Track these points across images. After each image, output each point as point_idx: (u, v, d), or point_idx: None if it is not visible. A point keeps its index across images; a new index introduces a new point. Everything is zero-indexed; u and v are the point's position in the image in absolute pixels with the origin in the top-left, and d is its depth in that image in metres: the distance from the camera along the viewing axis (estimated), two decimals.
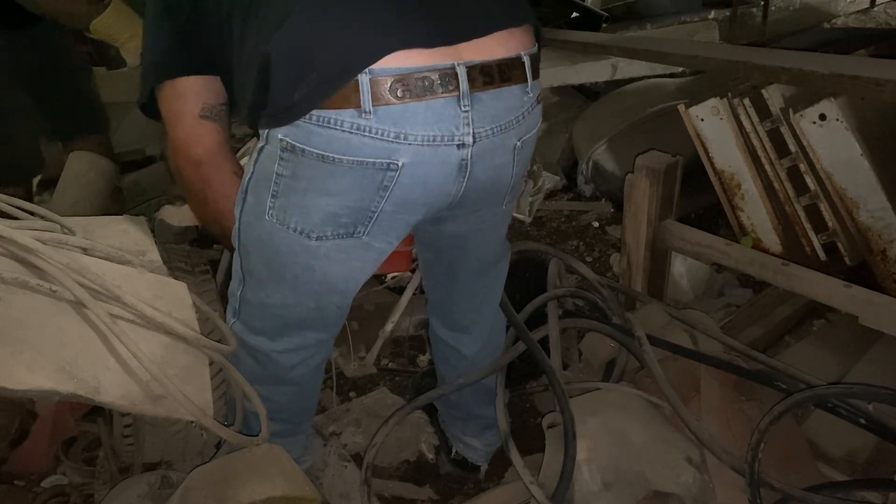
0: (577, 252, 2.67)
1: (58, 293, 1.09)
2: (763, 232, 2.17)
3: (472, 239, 1.34)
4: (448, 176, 1.11)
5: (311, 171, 1.08)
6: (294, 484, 1.24)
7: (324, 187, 1.09)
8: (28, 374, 1.01)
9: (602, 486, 1.37)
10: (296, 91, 1.03)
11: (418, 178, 1.09)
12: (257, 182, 1.15)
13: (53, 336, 1.07)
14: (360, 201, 1.10)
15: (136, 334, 1.14)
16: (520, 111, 1.15)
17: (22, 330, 1.05)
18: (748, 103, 2.06)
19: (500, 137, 1.13)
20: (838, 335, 1.95)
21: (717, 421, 1.48)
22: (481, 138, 1.10)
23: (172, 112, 1.18)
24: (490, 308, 1.54)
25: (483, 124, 1.10)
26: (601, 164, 2.85)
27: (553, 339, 1.70)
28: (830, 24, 4.51)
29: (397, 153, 1.05)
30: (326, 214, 1.11)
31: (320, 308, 1.27)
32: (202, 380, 1.20)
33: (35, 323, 1.06)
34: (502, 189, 1.24)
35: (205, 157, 1.20)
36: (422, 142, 1.05)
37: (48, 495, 1.61)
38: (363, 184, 1.07)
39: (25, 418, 1.73)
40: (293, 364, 1.35)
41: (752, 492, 1.33)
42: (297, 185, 1.10)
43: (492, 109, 1.10)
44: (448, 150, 1.08)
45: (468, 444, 1.72)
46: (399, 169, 1.06)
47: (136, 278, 1.25)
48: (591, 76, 2.89)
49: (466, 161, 1.10)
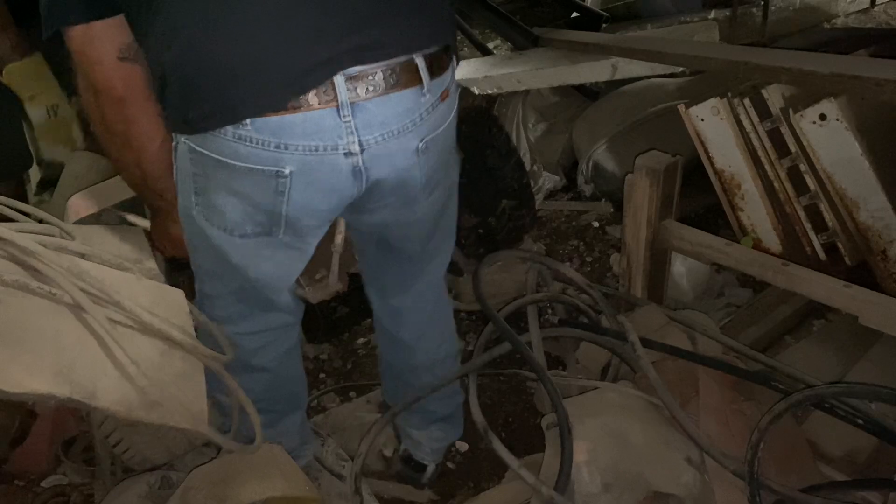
0: (577, 252, 2.67)
1: (57, 296, 1.09)
2: (763, 232, 2.17)
3: (396, 229, 1.33)
4: (343, 181, 1.11)
5: (215, 172, 1.11)
6: (294, 484, 1.25)
7: (230, 187, 1.11)
8: (26, 377, 1.01)
9: (602, 487, 1.37)
10: (189, 111, 1.07)
11: (311, 185, 1.10)
12: (182, 180, 1.18)
13: (52, 339, 1.07)
14: (265, 204, 1.12)
15: (134, 339, 1.15)
16: (416, 113, 1.13)
17: (21, 333, 1.05)
18: (748, 103, 2.06)
19: (394, 142, 1.12)
20: (838, 335, 1.94)
21: (715, 421, 1.48)
22: (370, 145, 1.09)
23: (87, 58, 1.10)
24: (426, 292, 1.52)
25: (370, 132, 1.09)
26: (601, 164, 2.85)
27: (535, 340, 1.71)
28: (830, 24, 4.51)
29: (282, 161, 1.06)
30: (241, 213, 1.14)
31: (269, 296, 1.31)
32: (198, 387, 1.20)
33: (34, 326, 1.06)
34: (413, 188, 1.22)
35: (129, 95, 1.12)
36: (304, 151, 1.06)
37: (48, 495, 1.61)
38: (261, 187, 1.09)
39: (25, 418, 1.73)
40: (257, 347, 1.37)
41: (751, 491, 1.33)
42: (210, 184, 1.13)
43: (378, 117, 1.09)
44: (334, 158, 1.08)
45: (414, 440, 1.70)
46: (288, 176, 1.07)
47: (134, 284, 1.25)
48: (591, 76, 2.88)
49: (359, 167, 1.10)
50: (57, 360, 1.05)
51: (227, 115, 1.04)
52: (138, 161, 1.20)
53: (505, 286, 2.19)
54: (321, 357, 2.15)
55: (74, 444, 1.74)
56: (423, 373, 1.60)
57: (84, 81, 1.13)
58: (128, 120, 1.15)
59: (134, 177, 1.24)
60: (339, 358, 2.18)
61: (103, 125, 1.17)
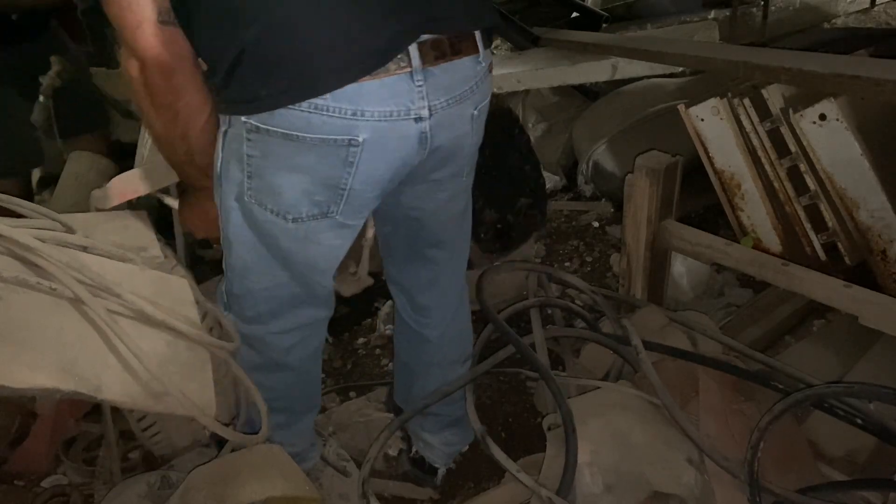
0: (577, 252, 2.67)
1: (58, 291, 1.09)
2: (763, 232, 2.17)
3: (429, 210, 1.36)
4: (410, 148, 1.15)
5: (278, 149, 1.10)
6: (294, 484, 1.25)
7: (293, 164, 1.11)
8: (29, 372, 1.01)
9: (604, 488, 1.37)
10: (263, 88, 1.06)
11: (380, 153, 1.12)
12: (229, 165, 1.17)
13: (54, 335, 1.07)
14: (330, 178, 1.13)
15: (138, 331, 1.14)
16: (473, 81, 1.19)
17: (23, 329, 1.05)
18: (748, 103, 2.06)
19: (456, 108, 1.17)
20: (838, 335, 1.94)
21: (716, 421, 1.48)
22: (437, 111, 1.13)
23: (127, 22, 1.06)
24: (451, 288, 1.54)
25: (437, 97, 1.13)
26: (601, 164, 2.85)
27: (538, 342, 1.71)
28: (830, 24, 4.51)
29: (356, 129, 1.08)
30: (300, 192, 1.14)
31: (307, 286, 1.30)
32: (204, 377, 1.20)
33: (36, 322, 1.07)
34: (462, 157, 1.28)
35: (176, 63, 1.09)
36: (379, 118, 1.08)
37: (48, 495, 1.61)
38: (329, 159, 1.10)
39: (25, 418, 1.73)
40: (289, 345, 1.36)
41: (751, 491, 1.33)
42: (268, 164, 1.12)
43: (445, 82, 1.14)
44: (406, 124, 1.11)
45: (426, 442, 1.70)
46: (361, 144, 1.09)
47: (137, 275, 1.24)
48: (591, 76, 2.88)
49: (426, 133, 1.14)
50: (60, 355, 1.05)
51: (308, 88, 1.05)
52: (185, 134, 1.17)
53: (504, 287, 2.19)
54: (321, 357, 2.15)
55: (74, 444, 1.74)
56: (438, 372, 1.60)
57: (127, 51, 1.09)
58: (176, 89, 1.11)
59: (178, 154, 1.21)
60: (339, 358, 2.18)
61: (149, 98, 1.13)
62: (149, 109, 1.14)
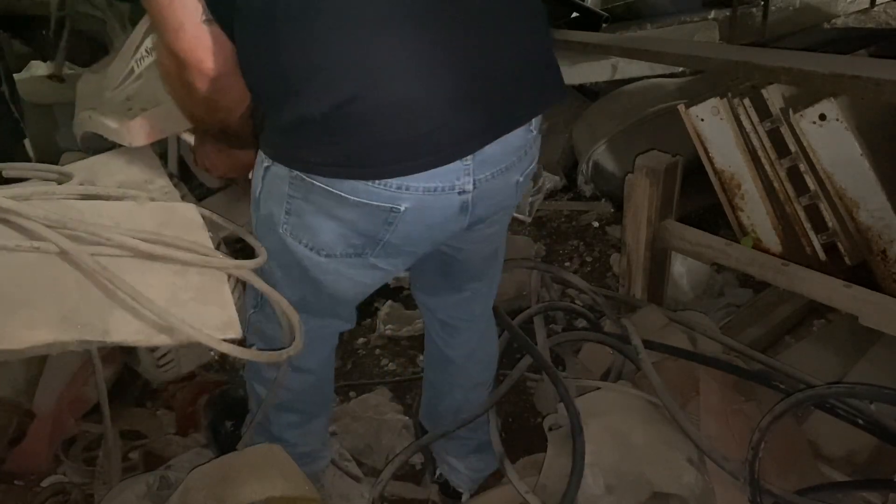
0: (577, 252, 2.67)
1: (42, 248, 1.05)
2: (763, 232, 2.17)
3: (465, 250, 1.34)
4: (451, 217, 1.12)
5: (320, 199, 1.08)
6: (294, 484, 1.24)
7: (333, 213, 1.09)
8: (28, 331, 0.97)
9: (605, 489, 1.37)
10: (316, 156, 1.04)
11: (421, 220, 1.10)
12: (269, 197, 1.15)
13: (49, 288, 1.02)
14: (367, 231, 1.11)
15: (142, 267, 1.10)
16: (522, 149, 1.15)
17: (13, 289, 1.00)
18: (748, 103, 2.06)
19: (501, 178, 1.13)
20: (838, 335, 1.94)
21: (716, 422, 1.48)
22: (481, 184, 1.10)
23: (169, 22, 1.00)
24: (480, 312, 1.52)
25: (483, 171, 1.10)
26: (601, 164, 2.85)
27: (541, 343, 1.72)
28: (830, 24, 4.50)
29: (399, 200, 1.06)
30: (337, 235, 1.12)
31: (332, 309, 1.30)
32: (222, 297, 1.14)
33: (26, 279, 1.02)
34: (501, 218, 1.29)
35: (222, 68, 1.04)
36: (423, 192, 1.06)
37: (49, 492, 1.61)
38: (370, 218, 1.08)
39: (23, 418, 1.73)
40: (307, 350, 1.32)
41: (752, 491, 1.33)
42: (308, 208, 1.11)
43: (493, 157, 1.10)
44: (450, 197, 1.08)
45: (452, 466, 1.66)
46: (402, 212, 1.07)
47: (136, 212, 1.19)
48: (591, 76, 2.89)
49: (468, 203, 1.11)
50: (59, 307, 1.01)
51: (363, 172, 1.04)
52: (224, 121, 1.15)
53: (505, 286, 2.19)
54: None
55: (74, 444, 1.74)
56: (461, 394, 1.59)
57: (165, 51, 1.04)
58: (220, 90, 1.07)
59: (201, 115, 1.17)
60: (339, 358, 2.18)
61: (186, 92, 1.08)
62: (184, 101, 1.12)
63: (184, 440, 1.76)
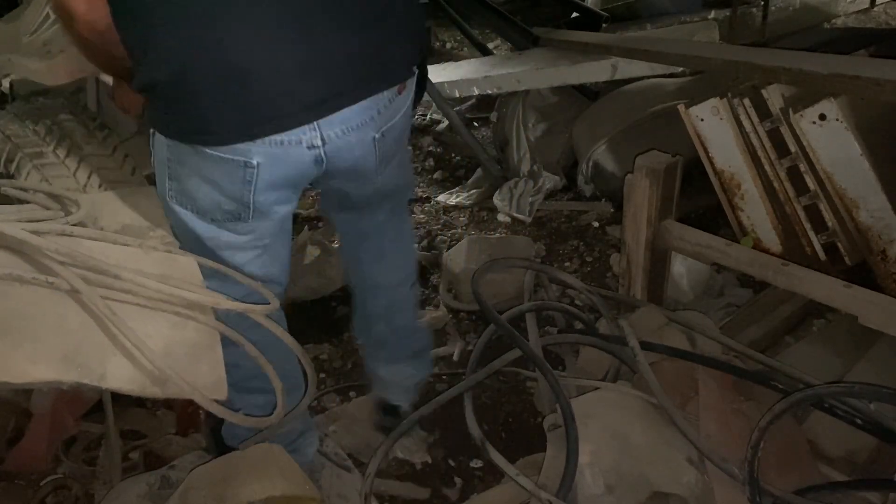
0: (577, 252, 2.67)
1: (55, 284, 1.08)
2: (763, 232, 2.17)
3: (354, 194, 1.44)
4: (305, 167, 1.23)
5: (189, 159, 1.20)
6: (294, 484, 1.25)
7: (201, 173, 1.21)
8: (30, 365, 1.00)
9: (605, 489, 1.37)
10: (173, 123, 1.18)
11: (276, 173, 1.21)
12: (157, 165, 1.30)
13: (55, 325, 1.05)
14: (233, 192, 1.22)
15: (142, 315, 1.13)
16: (374, 110, 1.25)
17: (21, 321, 1.03)
18: (748, 103, 2.06)
19: (354, 135, 1.23)
20: (838, 335, 1.94)
21: (715, 421, 1.48)
22: (331, 140, 1.20)
23: None
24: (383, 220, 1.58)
25: (331, 128, 1.20)
26: (601, 164, 2.85)
27: (533, 341, 1.73)
28: (830, 24, 4.50)
29: (250, 153, 1.17)
30: (211, 201, 1.24)
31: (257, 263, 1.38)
32: (213, 357, 1.19)
33: (34, 314, 1.05)
34: (368, 170, 1.35)
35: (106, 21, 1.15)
36: (269, 144, 1.16)
37: (50, 487, 1.61)
38: (230, 177, 1.19)
39: (21, 418, 1.73)
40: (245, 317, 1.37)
41: (751, 491, 1.33)
42: (183, 171, 1.23)
43: (342, 116, 1.20)
44: (299, 150, 1.19)
45: (384, 381, 1.76)
46: (256, 167, 1.18)
47: (141, 259, 1.24)
48: (591, 76, 2.89)
49: (321, 157, 1.22)
50: (62, 346, 1.03)
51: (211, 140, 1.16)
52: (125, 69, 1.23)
53: (505, 287, 2.19)
54: (321, 357, 2.15)
55: (74, 444, 1.74)
56: (384, 296, 1.68)
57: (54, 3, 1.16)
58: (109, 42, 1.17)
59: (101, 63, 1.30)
60: (339, 358, 2.18)
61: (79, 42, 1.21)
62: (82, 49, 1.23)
63: (184, 440, 1.76)
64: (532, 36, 3.26)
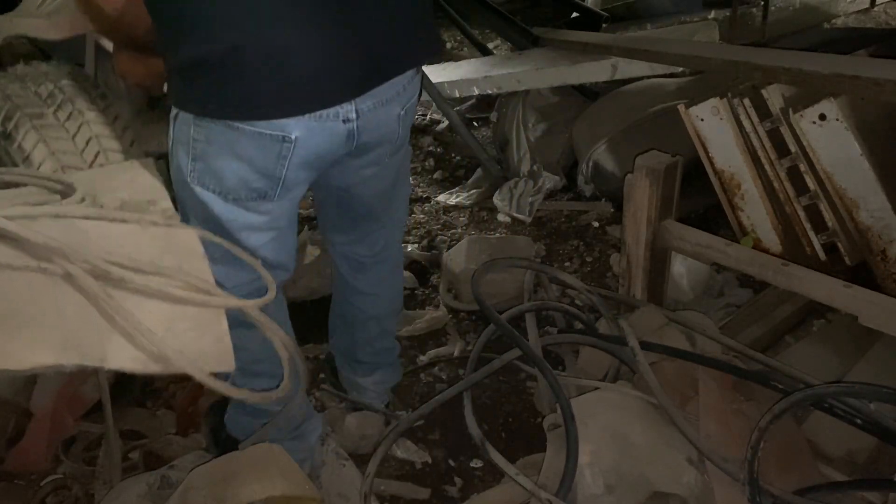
0: (577, 252, 2.67)
1: (49, 270, 1.07)
2: (763, 232, 2.17)
3: (356, 187, 1.48)
4: (338, 143, 1.29)
5: (221, 137, 1.22)
6: (294, 483, 1.25)
7: (233, 151, 1.23)
8: (29, 351, 0.99)
9: (605, 489, 1.37)
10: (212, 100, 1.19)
11: (312, 148, 1.25)
12: (177, 147, 1.28)
13: (51, 310, 1.04)
14: (266, 167, 1.25)
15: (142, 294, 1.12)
16: (400, 85, 1.33)
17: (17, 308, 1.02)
18: (748, 103, 2.06)
19: (383, 110, 1.31)
20: (838, 335, 1.94)
21: (715, 421, 1.48)
22: (364, 113, 1.27)
23: None
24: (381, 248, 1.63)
25: (365, 101, 1.26)
26: (601, 164, 2.85)
27: (532, 340, 1.74)
28: (830, 24, 4.51)
29: (289, 127, 1.21)
30: (239, 179, 1.26)
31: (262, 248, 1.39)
32: (218, 329, 1.17)
33: (30, 300, 1.04)
34: (387, 148, 1.42)
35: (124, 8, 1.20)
36: (308, 118, 1.21)
37: (50, 487, 1.61)
38: (265, 152, 1.23)
39: (21, 418, 1.73)
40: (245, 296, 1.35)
41: (751, 491, 1.33)
42: (211, 150, 1.24)
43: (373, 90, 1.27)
44: (335, 125, 1.25)
45: (360, 387, 1.83)
46: (293, 141, 1.22)
47: (139, 236, 1.21)
48: (591, 76, 2.89)
49: (354, 131, 1.28)
50: (60, 330, 1.03)
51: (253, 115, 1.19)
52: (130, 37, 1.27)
53: (505, 287, 2.19)
54: (321, 357, 2.15)
55: (74, 444, 1.74)
56: (375, 326, 1.74)
57: None
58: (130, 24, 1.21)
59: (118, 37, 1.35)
60: None
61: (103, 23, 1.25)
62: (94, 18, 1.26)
63: (184, 440, 1.76)
64: (532, 36, 3.26)
